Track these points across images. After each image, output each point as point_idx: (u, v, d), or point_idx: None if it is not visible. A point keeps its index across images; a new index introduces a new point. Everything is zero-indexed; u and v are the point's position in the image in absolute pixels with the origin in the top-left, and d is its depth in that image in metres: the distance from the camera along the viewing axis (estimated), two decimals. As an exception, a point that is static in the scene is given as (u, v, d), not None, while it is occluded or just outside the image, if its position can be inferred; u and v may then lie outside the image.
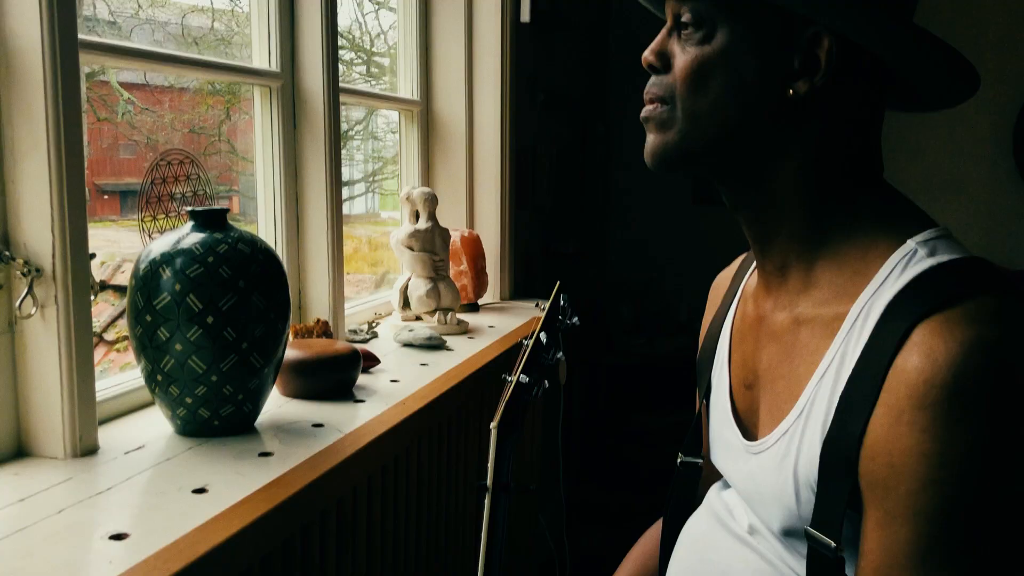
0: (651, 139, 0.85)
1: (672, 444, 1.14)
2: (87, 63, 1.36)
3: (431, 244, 2.09)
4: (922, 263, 0.75)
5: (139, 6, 1.58)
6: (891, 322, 0.73)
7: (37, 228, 1.10)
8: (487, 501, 1.01)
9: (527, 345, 1.10)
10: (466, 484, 1.73)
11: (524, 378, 1.06)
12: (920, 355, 0.69)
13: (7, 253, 1.10)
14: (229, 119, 1.84)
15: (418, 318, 2.12)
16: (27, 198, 1.10)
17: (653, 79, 0.85)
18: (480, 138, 2.55)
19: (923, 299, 0.72)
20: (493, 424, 1.03)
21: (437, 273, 2.10)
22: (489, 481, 1.01)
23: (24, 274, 1.10)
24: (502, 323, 2.23)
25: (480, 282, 2.39)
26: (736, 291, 1.01)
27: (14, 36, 1.08)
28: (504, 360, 1.87)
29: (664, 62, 0.84)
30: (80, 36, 1.13)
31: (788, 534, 0.83)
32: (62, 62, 1.08)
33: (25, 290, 1.10)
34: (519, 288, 2.71)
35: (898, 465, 0.70)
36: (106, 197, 1.66)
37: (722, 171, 0.85)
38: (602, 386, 3.85)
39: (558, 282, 1.17)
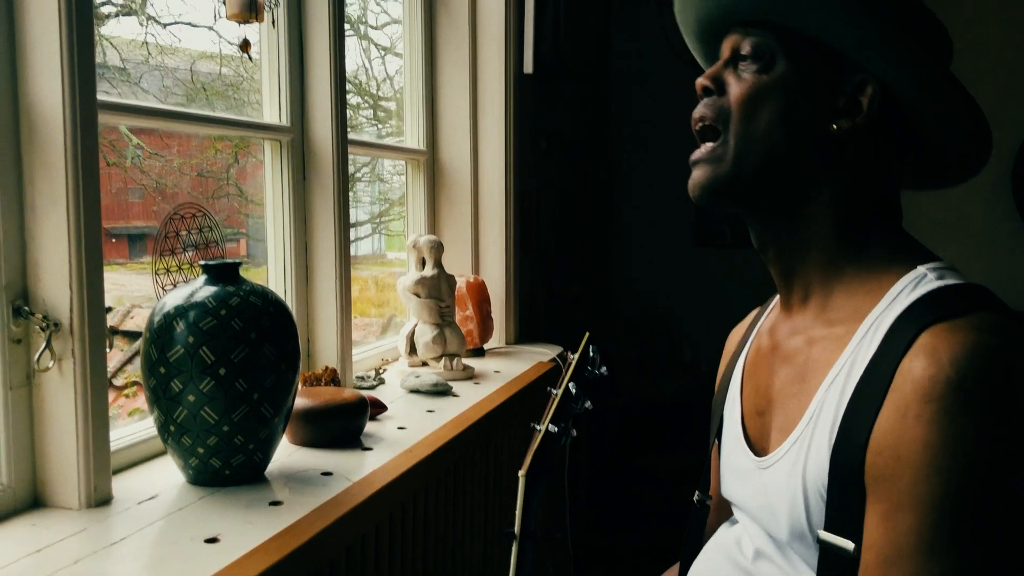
0: (699, 173, 0.91)
1: (678, 485, 1.16)
2: (104, 121, 1.40)
3: (437, 291, 2.12)
4: (931, 284, 0.81)
5: (149, 53, 1.62)
6: (899, 331, 0.78)
7: (55, 284, 1.13)
8: (514, 549, 1.03)
9: (556, 394, 1.12)
10: (472, 531, 1.74)
11: (553, 427, 1.08)
12: (925, 356, 0.74)
13: (26, 308, 1.14)
14: (237, 163, 1.89)
15: (425, 364, 2.14)
16: (46, 255, 1.13)
17: (705, 101, 0.90)
18: (485, 185, 2.60)
19: (930, 311, 0.77)
20: (522, 472, 1.05)
21: (443, 319, 2.13)
22: (517, 529, 1.03)
23: (42, 328, 1.13)
24: (508, 368, 2.25)
25: (486, 327, 2.42)
26: (750, 336, 1.06)
27: (37, 100, 1.12)
28: (510, 406, 1.89)
29: (719, 86, 0.90)
30: (98, 97, 1.17)
31: (796, 541, 0.84)
32: (82, 125, 1.12)
33: (43, 344, 1.13)
34: (524, 332, 2.74)
35: (903, 456, 0.73)
36: (114, 241, 1.69)
37: (760, 203, 0.91)
38: (607, 427, 3.85)
39: (587, 333, 1.20)
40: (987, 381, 0.72)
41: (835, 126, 0.85)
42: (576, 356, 1.16)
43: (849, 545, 0.77)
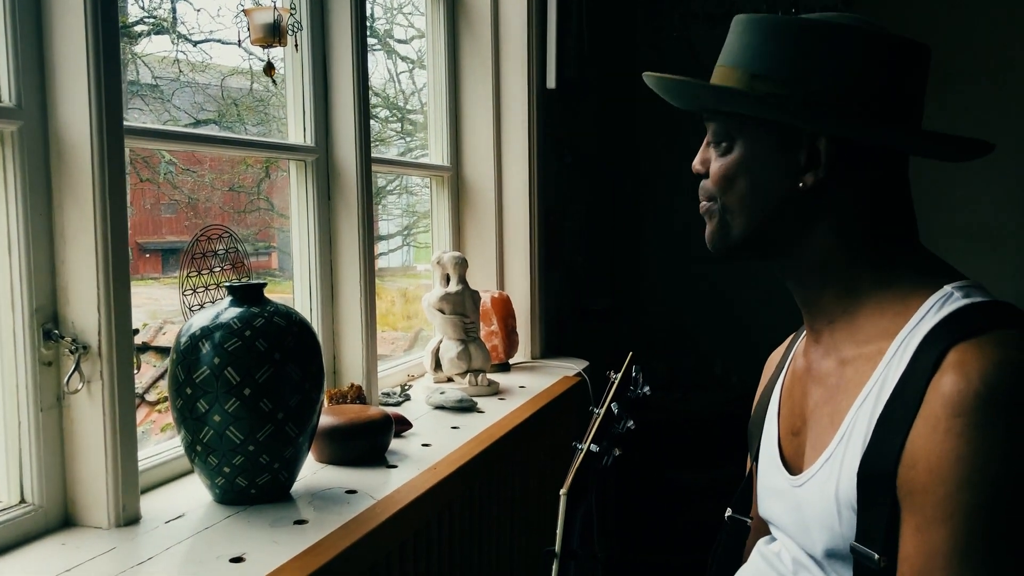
0: (707, 229, 0.99)
1: (707, 501, 1.16)
2: (132, 146, 1.43)
3: (462, 307, 2.13)
4: (958, 302, 0.83)
5: (180, 70, 1.65)
6: (928, 349, 0.80)
7: (84, 308, 1.16)
8: (555, 567, 1.03)
9: (598, 414, 1.13)
10: (499, 548, 1.74)
11: (594, 447, 1.09)
12: (954, 372, 0.76)
13: (56, 332, 1.16)
14: (268, 177, 1.91)
15: (450, 379, 2.15)
16: (75, 279, 1.16)
17: (703, 182, 0.99)
18: (509, 200, 2.61)
19: (958, 329, 0.80)
20: (563, 491, 1.06)
21: (468, 335, 2.14)
22: (557, 547, 1.04)
23: (72, 351, 1.15)
24: (533, 383, 2.25)
25: (511, 342, 2.42)
26: (786, 361, 1.08)
27: (65, 127, 1.15)
28: (535, 422, 1.89)
29: (707, 168, 0.98)
30: (126, 123, 1.20)
31: (831, 556, 0.86)
32: (109, 151, 1.15)
33: (73, 366, 1.15)
34: (550, 347, 2.74)
35: (935, 470, 0.75)
36: (148, 256, 1.72)
37: (764, 252, 0.97)
38: (637, 442, 3.82)
39: (631, 353, 1.21)
40: (1015, 394, 0.74)
41: (801, 184, 0.90)
42: (619, 376, 1.16)
43: (874, 555, 0.79)
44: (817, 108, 0.88)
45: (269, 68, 1.51)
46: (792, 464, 0.97)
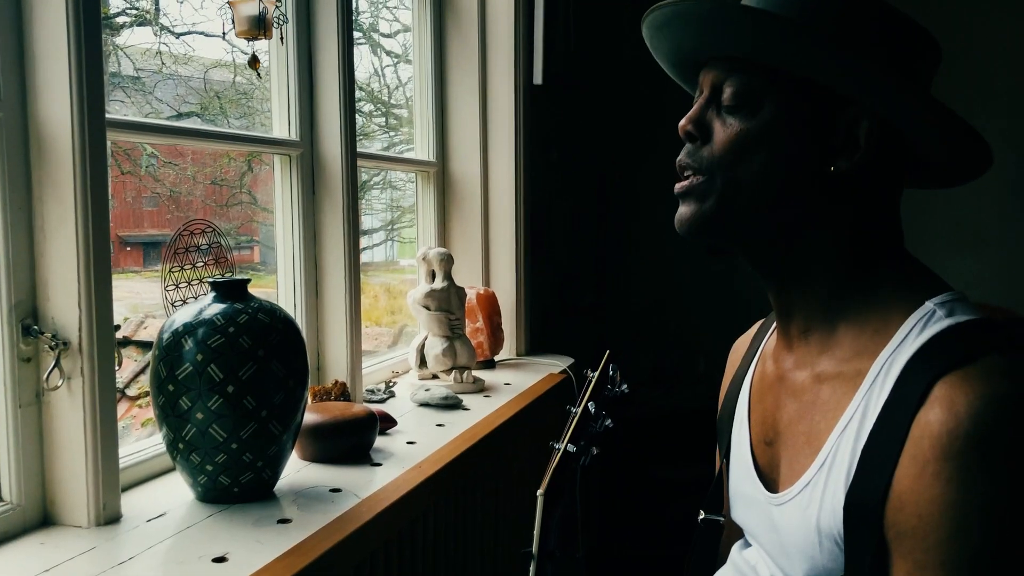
0: (685, 209, 0.87)
1: (691, 498, 1.15)
2: (114, 138, 1.41)
3: (447, 303, 2.12)
4: (941, 323, 0.79)
5: (163, 63, 1.63)
6: (912, 378, 0.76)
7: (64, 303, 1.14)
8: (532, 569, 1.02)
9: (575, 413, 1.11)
10: (483, 548, 1.73)
11: (572, 447, 1.08)
12: (942, 408, 0.72)
13: (36, 327, 1.14)
14: (251, 171, 1.89)
15: (435, 376, 2.14)
16: (55, 274, 1.14)
17: (688, 148, 0.87)
18: (495, 197, 2.60)
19: (943, 356, 0.76)
20: (540, 491, 1.04)
21: (453, 332, 2.13)
22: (535, 548, 1.02)
23: (52, 347, 1.13)
24: (518, 380, 2.25)
25: (496, 339, 2.41)
26: (755, 353, 1.04)
27: (46, 119, 1.13)
28: (521, 419, 1.88)
29: (703, 132, 0.86)
30: (108, 115, 1.18)
31: None
32: (90, 143, 1.12)
33: (52, 363, 1.13)
34: (535, 344, 2.73)
35: (925, 516, 0.72)
36: (129, 249, 1.70)
37: (753, 242, 0.88)
38: (620, 439, 3.83)
39: (607, 351, 1.19)
40: (1004, 436, 0.71)
41: (832, 168, 0.82)
42: (596, 375, 1.15)
43: None
44: (883, 67, 0.77)
45: (254, 61, 1.49)
46: (767, 476, 0.93)
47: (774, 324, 0.99)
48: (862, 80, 0.79)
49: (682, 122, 0.87)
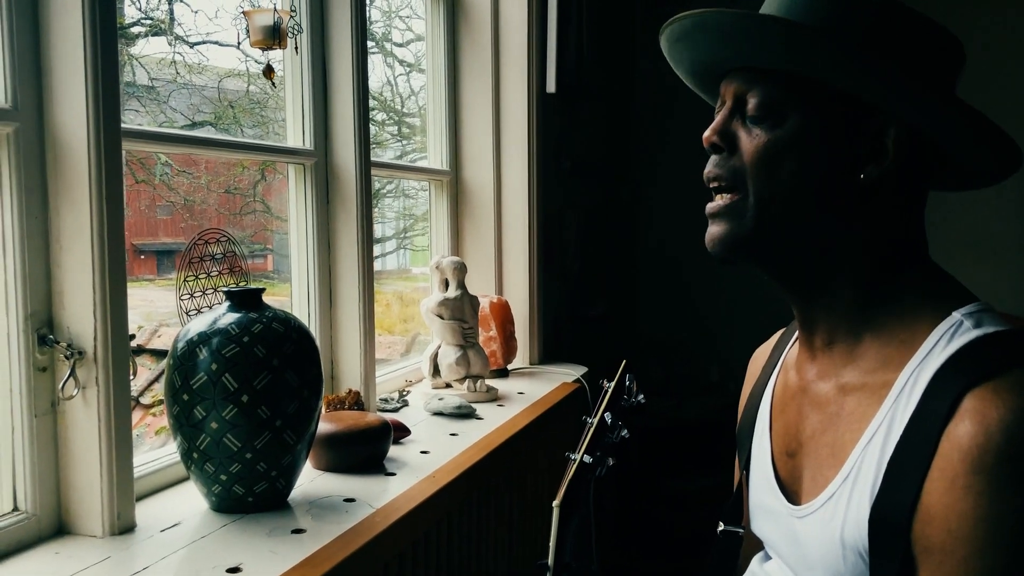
0: (718, 228, 0.86)
1: (704, 509, 1.13)
2: (129, 148, 1.41)
3: (460, 312, 2.11)
4: (968, 334, 0.78)
5: (177, 72, 1.64)
6: (940, 390, 0.75)
7: (80, 313, 1.14)
8: None
9: (591, 424, 1.11)
10: (497, 558, 1.72)
11: (588, 458, 1.07)
12: (972, 422, 0.72)
13: (51, 337, 1.14)
14: (264, 179, 1.90)
15: (448, 385, 2.13)
16: (71, 284, 1.14)
17: (716, 160, 0.86)
18: (508, 205, 2.59)
19: (971, 368, 0.75)
20: (556, 503, 1.03)
21: (466, 340, 2.12)
22: (551, 560, 1.01)
23: (67, 357, 1.13)
24: (532, 389, 2.24)
25: (509, 348, 2.41)
26: (776, 363, 1.03)
27: (62, 129, 1.13)
28: (535, 429, 1.87)
29: (729, 143, 0.85)
30: (123, 125, 1.18)
31: None
32: (106, 153, 1.13)
33: (68, 372, 1.13)
34: (548, 353, 2.72)
35: (955, 530, 0.71)
36: (143, 257, 1.70)
37: (784, 259, 0.86)
38: (633, 450, 3.81)
39: (624, 361, 1.18)
40: None
41: (862, 175, 0.81)
42: (612, 384, 1.14)
43: None
44: (907, 74, 0.76)
45: (269, 71, 1.50)
46: (789, 489, 0.92)
47: (796, 333, 0.98)
48: (888, 86, 0.79)
49: (706, 133, 0.86)
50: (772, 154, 0.82)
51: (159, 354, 1.68)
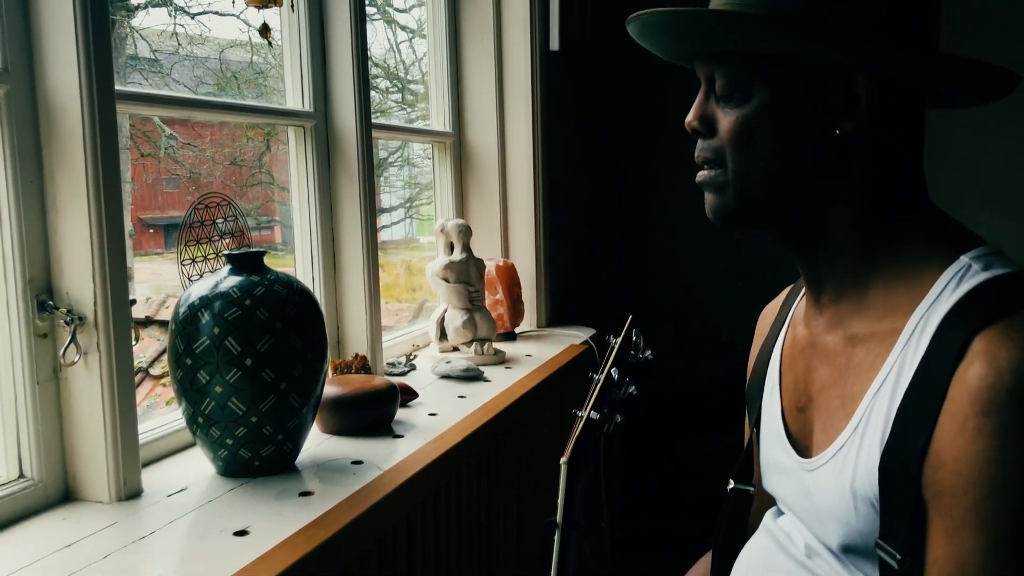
0: (709, 199, 0.88)
1: (716, 470, 1.13)
2: (125, 111, 1.39)
3: (466, 275, 2.10)
4: (977, 276, 0.76)
5: (179, 44, 1.61)
6: (949, 333, 0.74)
7: (79, 278, 1.12)
8: (557, 538, 1.00)
9: (598, 380, 1.09)
10: (507, 518, 1.72)
11: (595, 414, 1.05)
12: (982, 363, 0.70)
13: (51, 303, 1.13)
14: (269, 150, 1.88)
15: (455, 349, 2.12)
16: (68, 249, 1.13)
17: (701, 143, 0.88)
18: (513, 167, 2.56)
19: (981, 310, 0.73)
20: (563, 460, 1.02)
21: (473, 304, 2.11)
22: (559, 518, 1.00)
23: (67, 323, 1.12)
24: (539, 351, 2.23)
25: (516, 311, 2.39)
26: (784, 319, 1.02)
27: (54, 91, 1.11)
28: (542, 390, 1.87)
29: (708, 126, 0.86)
30: (117, 87, 1.16)
31: (848, 551, 0.82)
32: (100, 115, 1.11)
33: (68, 338, 1.12)
34: (556, 315, 2.71)
35: (965, 472, 0.70)
36: (151, 231, 1.70)
37: (779, 223, 0.87)
38: (643, 411, 3.81)
39: (630, 316, 1.16)
40: None
41: (838, 131, 0.80)
42: (619, 340, 1.12)
43: (895, 555, 0.75)
44: (860, 37, 0.77)
45: (265, 29, 1.47)
46: (799, 443, 0.91)
47: (803, 289, 0.97)
48: (847, 52, 0.78)
49: (688, 119, 0.88)
50: (745, 130, 0.83)
51: (168, 325, 1.67)
